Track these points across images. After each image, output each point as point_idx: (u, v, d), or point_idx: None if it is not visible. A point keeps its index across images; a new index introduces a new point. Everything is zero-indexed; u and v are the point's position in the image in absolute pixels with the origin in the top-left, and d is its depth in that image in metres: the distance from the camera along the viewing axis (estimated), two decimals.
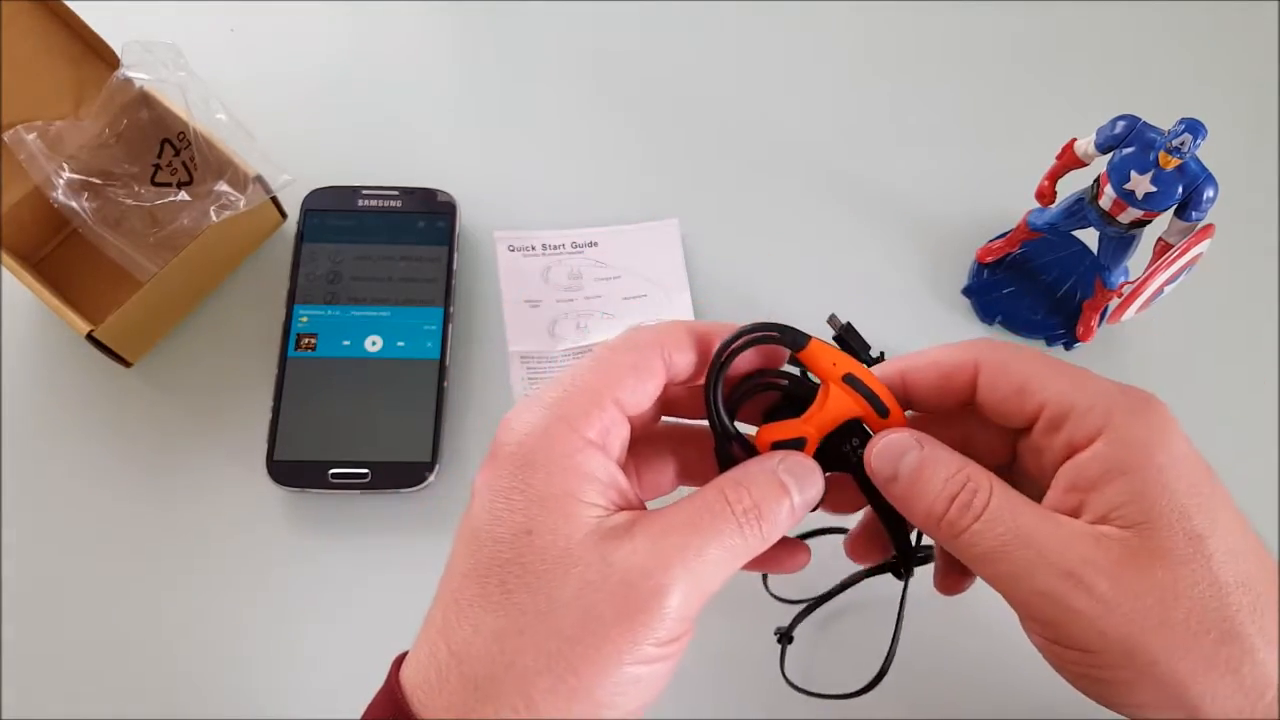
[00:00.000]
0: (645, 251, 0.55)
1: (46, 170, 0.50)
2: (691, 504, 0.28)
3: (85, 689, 0.45)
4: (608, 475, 0.28)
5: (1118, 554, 0.27)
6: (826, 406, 0.30)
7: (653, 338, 0.30)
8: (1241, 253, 0.54)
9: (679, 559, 0.26)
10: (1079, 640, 0.27)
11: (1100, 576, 0.27)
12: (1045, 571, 0.27)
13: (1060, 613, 0.27)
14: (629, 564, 0.26)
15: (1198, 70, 0.61)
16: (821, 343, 0.30)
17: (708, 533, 0.27)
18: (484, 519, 0.28)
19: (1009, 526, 0.28)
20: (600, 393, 0.28)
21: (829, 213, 0.57)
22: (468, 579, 0.27)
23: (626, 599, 0.26)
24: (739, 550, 0.28)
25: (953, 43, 0.62)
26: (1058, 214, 0.49)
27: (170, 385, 0.51)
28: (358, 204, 0.54)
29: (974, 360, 0.30)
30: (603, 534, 0.27)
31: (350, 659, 0.46)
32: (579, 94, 0.60)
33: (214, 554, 0.48)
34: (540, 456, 0.27)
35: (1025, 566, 0.27)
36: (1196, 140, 0.41)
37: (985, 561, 0.28)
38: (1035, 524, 0.28)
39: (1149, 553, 0.27)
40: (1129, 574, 0.27)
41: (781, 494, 0.29)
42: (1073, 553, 0.27)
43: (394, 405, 0.49)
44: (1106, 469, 0.28)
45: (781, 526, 0.29)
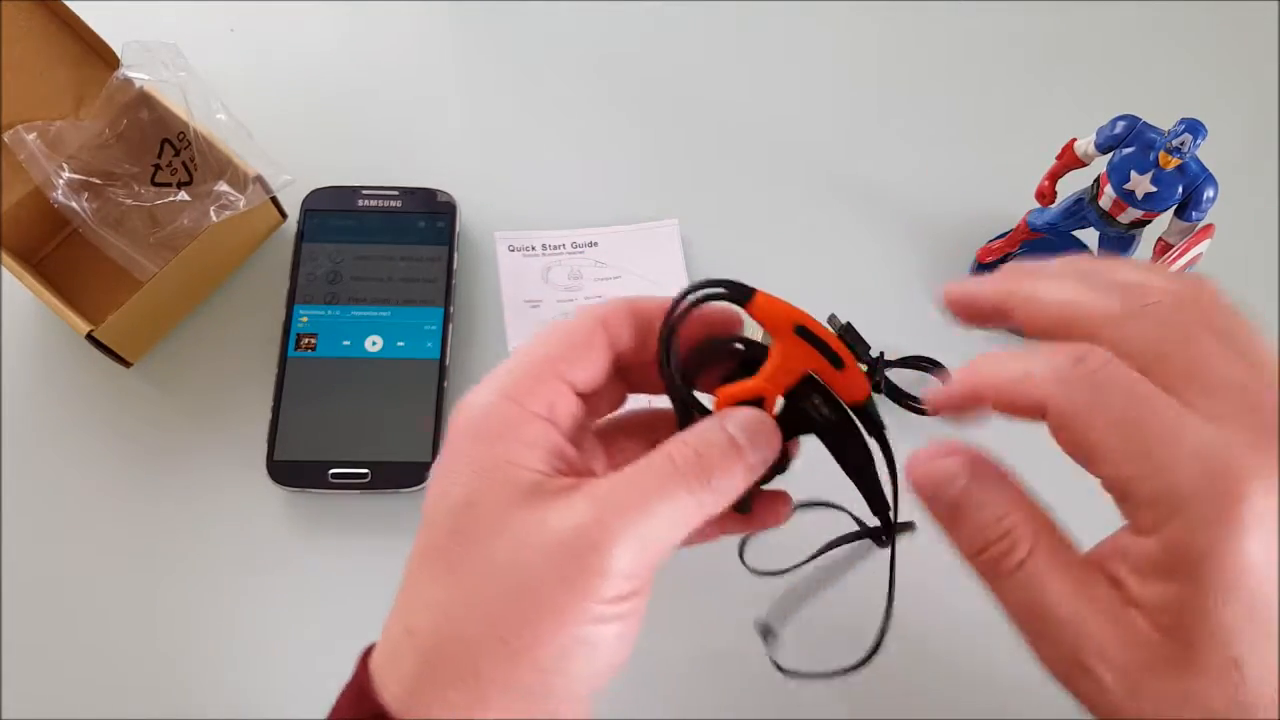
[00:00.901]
0: (645, 251, 0.55)
1: (46, 170, 0.50)
2: (636, 465, 0.27)
3: (85, 688, 0.45)
4: (552, 443, 0.28)
5: (1141, 657, 0.25)
6: (779, 360, 0.30)
7: (592, 311, 0.30)
8: (1241, 253, 0.54)
9: (619, 516, 0.26)
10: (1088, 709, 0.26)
11: (1113, 674, 0.25)
12: (1059, 651, 0.26)
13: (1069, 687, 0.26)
14: (565, 524, 0.26)
15: (1198, 70, 0.61)
16: (768, 295, 0.29)
17: (651, 490, 0.26)
18: (432, 498, 0.28)
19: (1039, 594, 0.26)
20: (542, 366, 0.28)
21: (829, 213, 0.57)
22: (420, 558, 0.28)
23: (564, 559, 0.25)
24: (689, 508, 0.27)
25: (953, 43, 0.62)
26: (1058, 214, 0.49)
27: (170, 385, 0.51)
28: (358, 204, 0.54)
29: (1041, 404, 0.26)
30: (542, 495, 0.26)
31: (350, 659, 0.46)
32: (579, 94, 0.60)
33: (214, 554, 0.48)
34: (483, 429, 0.28)
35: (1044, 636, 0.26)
36: (1196, 140, 0.41)
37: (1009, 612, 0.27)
38: (1061, 600, 0.26)
39: (1175, 663, 0.24)
40: (1147, 679, 0.25)
41: (730, 449, 0.28)
42: (1090, 643, 0.25)
43: (394, 405, 0.49)
44: (1155, 567, 0.25)
45: (734, 483, 0.28)
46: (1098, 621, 0.25)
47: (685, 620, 0.46)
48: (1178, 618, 0.24)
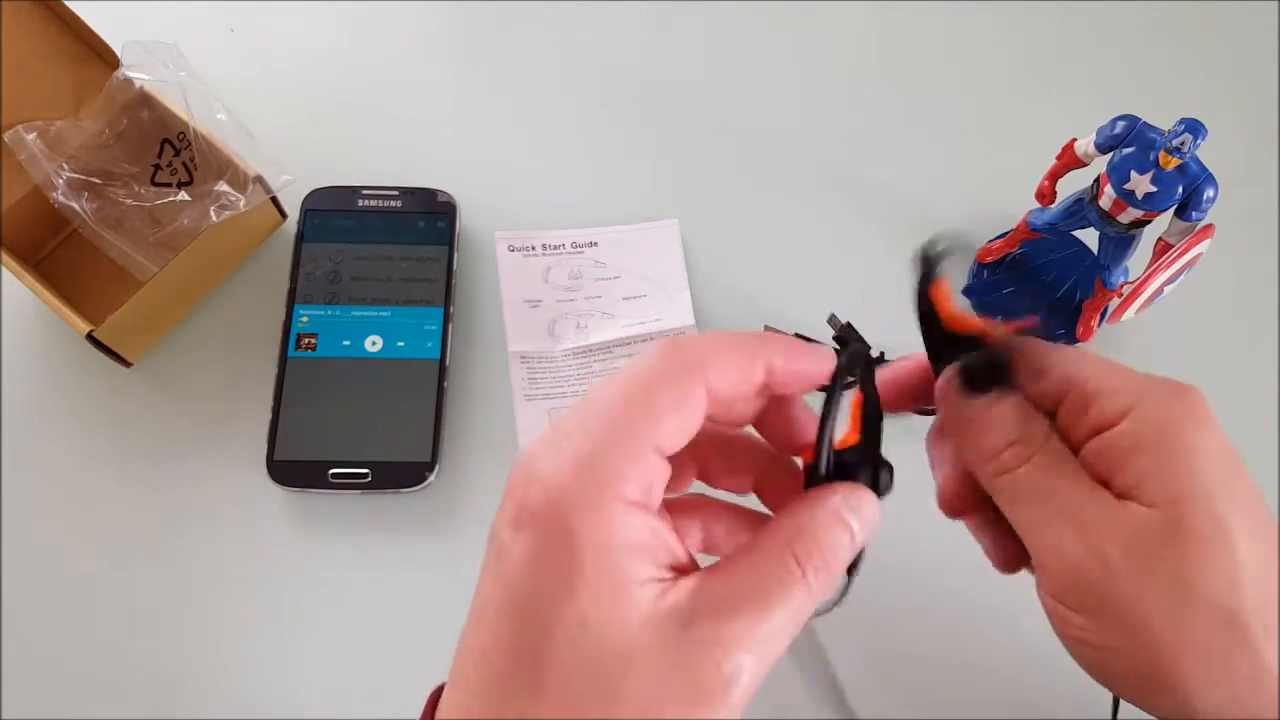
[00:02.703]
0: (645, 251, 0.55)
1: (46, 170, 0.50)
2: (755, 565, 0.25)
3: (85, 688, 0.45)
4: (656, 539, 0.25)
5: (1136, 530, 0.27)
6: None
7: (693, 360, 0.25)
8: (1241, 253, 0.54)
9: (749, 639, 0.24)
10: (1083, 603, 0.28)
11: (1114, 546, 0.27)
12: (1066, 529, 0.28)
13: (1071, 574, 0.28)
14: (693, 656, 0.24)
15: (1198, 70, 0.61)
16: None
17: (775, 604, 0.24)
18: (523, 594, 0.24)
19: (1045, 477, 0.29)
20: (638, 437, 0.24)
21: (829, 213, 0.57)
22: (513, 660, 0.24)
23: (692, 690, 0.24)
24: (804, 611, 0.25)
25: (953, 43, 0.62)
26: (1058, 214, 0.49)
27: (170, 385, 0.51)
28: (358, 204, 0.54)
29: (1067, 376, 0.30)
30: (661, 618, 0.24)
31: (350, 659, 0.46)
32: (579, 94, 0.60)
33: (214, 554, 0.48)
34: (579, 522, 0.24)
35: (1049, 520, 0.28)
36: (1196, 140, 0.41)
37: (1015, 505, 0.29)
38: (1070, 484, 0.28)
39: (1167, 530, 0.27)
40: (1143, 548, 0.27)
41: (846, 536, 0.26)
42: (1097, 518, 0.27)
43: (394, 405, 0.49)
44: (1133, 444, 0.28)
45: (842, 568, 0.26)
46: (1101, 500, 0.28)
47: None
48: (1162, 482, 0.27)
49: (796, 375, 0.27)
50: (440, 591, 0.46)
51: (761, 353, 0.26)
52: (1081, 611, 0.28)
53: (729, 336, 0.27)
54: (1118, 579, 0.27)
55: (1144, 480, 0.28)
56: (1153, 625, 0.27)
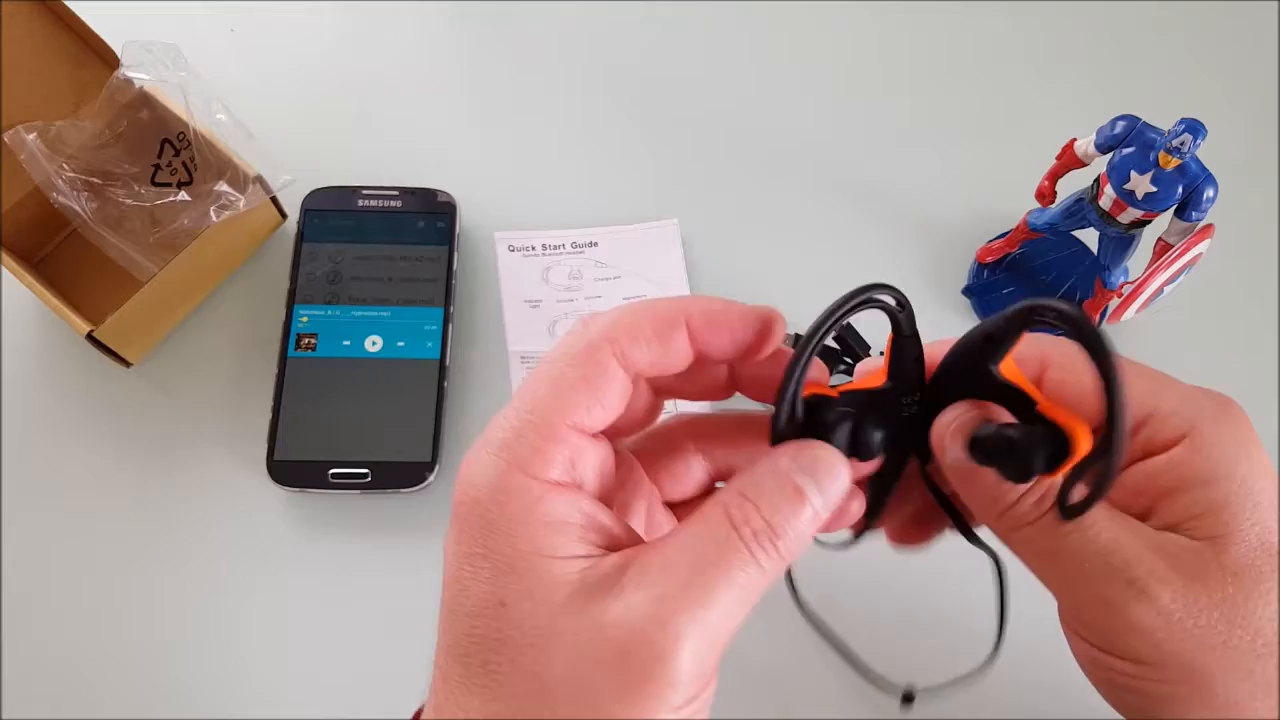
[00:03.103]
0: (645, 251, 0.55)
1: (46, 170, 0.50)
2: (691, 532, 0.24)
3: (85, 689, 0.45)
4: (582, 516, 0.24)
5: (1187, 566, 0.25)
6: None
7: (598, 338, 0.25)
8: (1241, 253, 0.54)
9: (681, 611, 0.22)
10: (1132, 652, 0.26)
11: (1165, 588, 0.25)
12: (1108, 578, 0.26)
13: (1117, 622, 0.26)
14: (622, 627, 0.22)
15: (1198, 70, 0.61)
16: None
17: (713, 572, 0.23)
18: (453, 590, 0.24)
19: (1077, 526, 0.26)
20: (551, 423, 0.24)
21: (829, 213, 0.57)
22: (450, 655, 0.24)
23: (626, 670, 0.22)
24: (755, 581, 0.23)
25: (953, 43, 0.62)
26: (1058, 214, 0.49)
27: (170, 385, 0.51)
28: (358, 204, 0.54)
29: (1041, 357, 0.28)
30: (588, 592, 0.23)
31: (350, 659, 0.46)
32: (580, 94, 0.60)
33: (214, 554, 0.48)
34: (498, 515, 0.24)
35: (1087, 570, 0.26)
36: (1196, 140, 0.41)
37: (1044, 559, 0.27)
38: (1103, 526, 0.26)
39: (1222, 568, 0.25)
40: (1197, 588, 0.25)
41: (798, 501, 0.24)
42: (1139, 561, 0.25)
43: (394, 405, 0.49)
44: (1184, 475, 0.26)
45: (804, 539, 0.24)
46: (1142, 542, 0.26)
47: None
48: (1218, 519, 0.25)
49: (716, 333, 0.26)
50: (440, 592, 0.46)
51: (679, 316, 0.26)
52: (1132, 659, 0.26)
53: (646, 305, 0.26)
54: (1173, 624, 0.25)
55: (1198, 514, 0.26)
56: (1214, 667, 0.25)
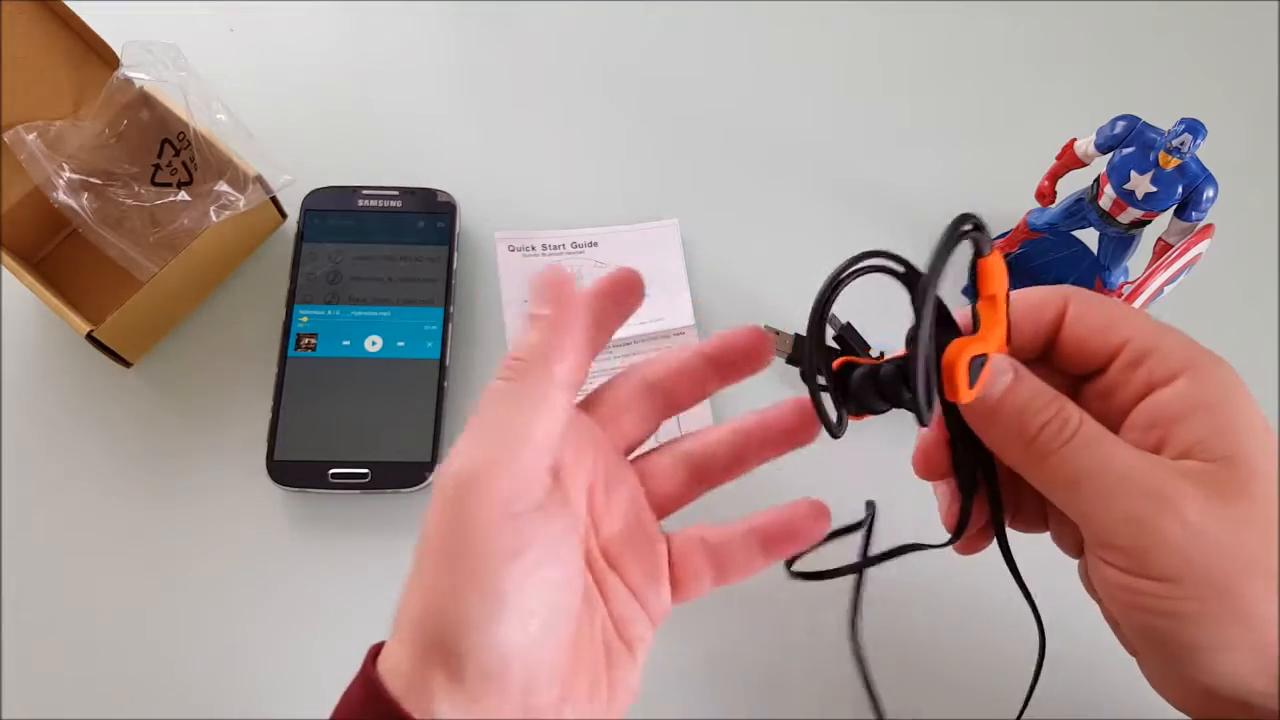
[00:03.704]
0: (645, 252, 0.55)
1: (46, 170, 0.50)
2: None
3: (85, 689, 0.45)
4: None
5: (1205, 484, 0.27)
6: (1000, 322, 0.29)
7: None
8: (1241, 253, 0.54)
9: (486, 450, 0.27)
10: (1163, 569, 0.27)
11: (1189, 502, 0.26)
12: (1134, 495, 0.27)
13: (1146, 538, 0.27)
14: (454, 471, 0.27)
15: (1198, 70, 0.61)
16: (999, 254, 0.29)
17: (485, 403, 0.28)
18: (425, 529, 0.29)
19: (1098, 451, 0.28)
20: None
21: (829, 213, 0.57)
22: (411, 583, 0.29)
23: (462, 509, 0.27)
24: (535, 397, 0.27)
25: (953, 43, 0.62)
26: (1058, 214, 0.49)
27: (170, 385, 0.51)
28: (358, 204, 0.54)
29: (1064, 296, 0.31)
30: None
31: (350, 659, 0.46)
32: (580, 94, 0.60)
33: (214, 554, 0.48)
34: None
35: (1113, 490, 0.27)
36: (1196, 140, 0.41)
37: (1072, 485, 0.28)
38: (1123, 451, 0.28)
39: (1235, 485, 0.27)
40: (1216, 504, 0.27)
41: (531, 327, 0.28)
42: (1162, 479, 0.27)
43: (394, 405, 0.49)
44: (1191, 403, 0.28)
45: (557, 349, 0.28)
46: (1163, 464, 0.27)
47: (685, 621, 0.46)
48: (1225, 440, 0.27)
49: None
50: None
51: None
52: (1163, 579, 0.27)
53: None
54: (1200, 537, 0.26)
55: (1207, 436, 0.27)
56: (1241, 581, 0.26)
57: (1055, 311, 0.31)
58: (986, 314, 0.29)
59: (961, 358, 0.27)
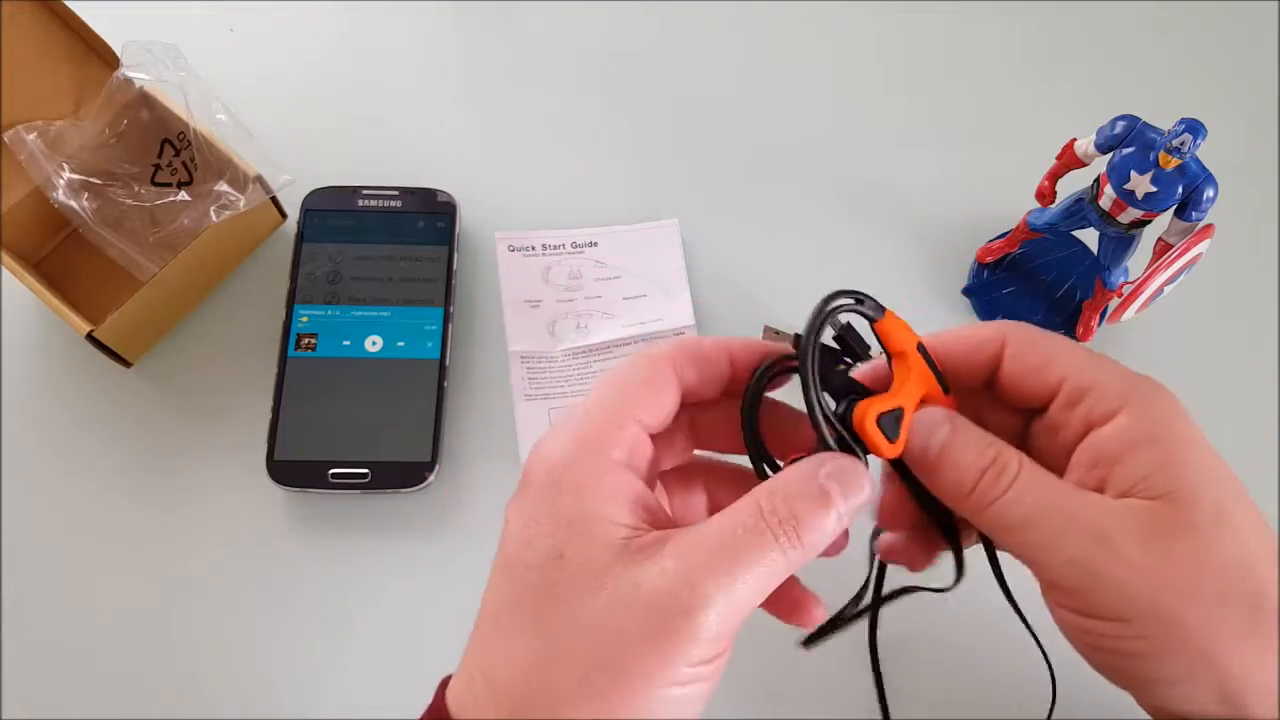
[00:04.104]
0: (645, 251, 0.55)
1: (46, 170, 0.50)
2: (725, 518, 0.27)
3: (85, 689, 0.45)
4: (636, 494, 0.28)
5: (1146, 522, 0.27)
6: (912, 378, 0.29)
7: (661, 352, 0.30)
8: (1241, 253, 0.54)
9: (710, 578, 0.25)
10: (1109, 609, 0.27)
11: (1131, 542, 0.27)
12: (1076, 537, 0.27)
13: (1090, 580, 0.27)
14: (657, 584, 0.25)
15: (1198, 70, 0.61)
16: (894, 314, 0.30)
17: (741, 549, 0.26)
18: (515, 545, 0.28)
19: (1038, 496, 0.28)
20: (620, 412, 0.29)
21: (829, 213, 0.57)
22: (503, 606, 0.27)
23: (655, 622, 0.25)
24: (777, 565, 0.26)
25: (953, 43, 0.62)
26: (1058, 214, 0.49)
27: (170, 385, 0.51)
28: (358, 204, 0.54)
29: (1001, 335, 0.31)
30: (632, 553, 0.26)
31: (350, 659, 0.46)
32: (580, 94, 0.60)
33: (214, 554, 0.48)
34: (567, 481, 0.28)
35: (1055, 534, 0.28)
36: (1196, 140, 0.41)
37: (1015, 531, 0.28)
38: (1064, 494, 0.28)
39: (1177, 521, 0.27)
40: (1158, 541, 0.27)
41: (823, 503, 0.27)
42: (1103, 519, 0.27)
43: (394, 405, 0.49)
44: (1130, 441, 0.28)
45: (826, 537, 0.27)
46: (1103, 504, 0.28)
47: None
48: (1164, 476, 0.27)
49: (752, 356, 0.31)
50: (440, 591, 0.46)
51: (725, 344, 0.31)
52: (1111, 619, 0.27)
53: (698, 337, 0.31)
54: (1142, 576, 0.27)
55: (1148, 474, 0.28)
56: (1187, 616, 0.26)
57: (991, 352, 0.31)
58: (898, 369, 0.30)
59: (867, 418, 0.28)
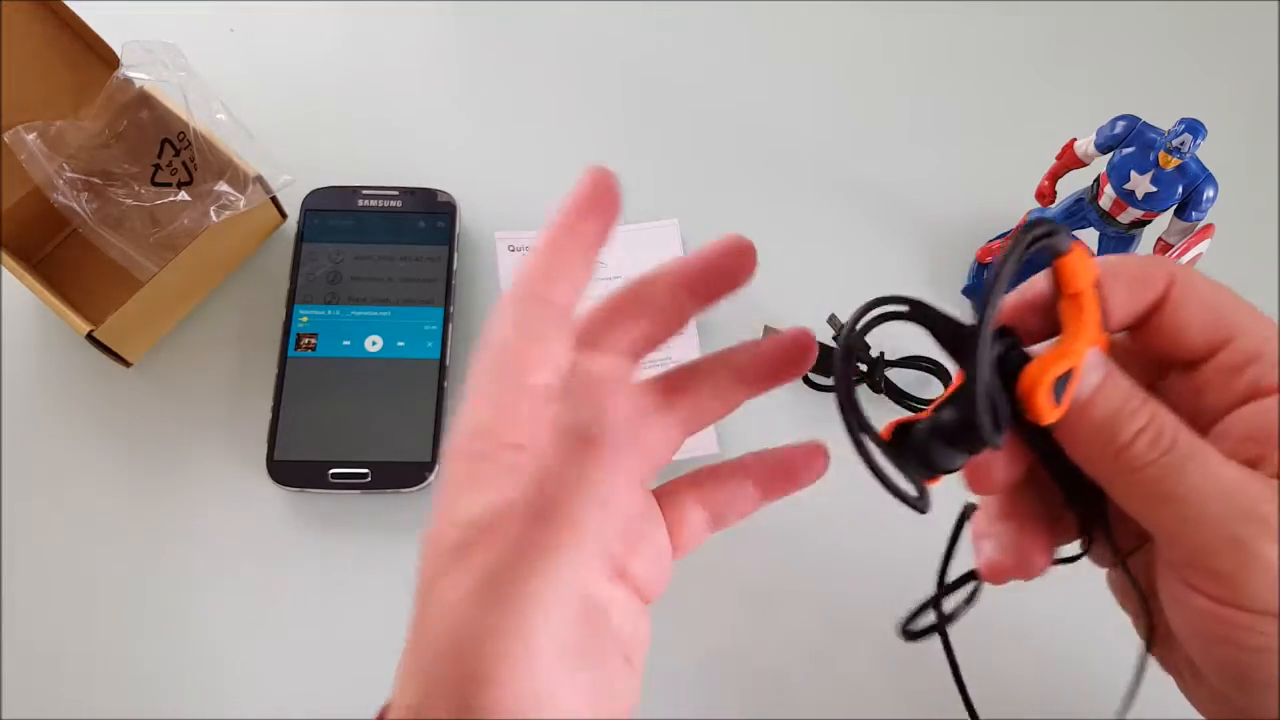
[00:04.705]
0: (645, 251, 0.55)
1: (47, 170, 0.50)
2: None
3: (85, 688, 0.45)
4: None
5: None
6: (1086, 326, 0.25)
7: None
8: (1241, 253, 0.54)
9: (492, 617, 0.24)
10: (1258, 599, 0.24)
11: None
12: (1238, 516, 0.24)
13: (1245, 563, 0.24)
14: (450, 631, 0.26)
15: (1198, 70, 0.61)
16: (1081, 246, 0.26)
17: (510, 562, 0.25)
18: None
19: (1201, 465, 0.25)
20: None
21: (829, 213, 0.57)
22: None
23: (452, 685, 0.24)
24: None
25: (953, 43, 0.62)
26: (1058, 214, 0.49)
27: (170, 385, 0.51)
28: (358, 204, 0.54)
29: (1169, 275, 0.27)
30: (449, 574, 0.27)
31: (350, 659, 0.46)
32: (580, 94, 0.60)
33: (214, 554, 0.48)
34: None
35: (1215, 509, 0.25)
36: (1196, 140, 0.41)
37: (1165, 501, 0.25)
38: (1226, 468, 0.25)
39: None
40: None
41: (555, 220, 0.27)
42: (1267, 499, 0.24)
43: (394, 405, 0.49)
44: None
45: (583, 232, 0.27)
46: (1263, 484, 0.25)
47: (688, 621, 0.46)
48: None
49: None
50: None
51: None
52: (1258, 611, 0.24)
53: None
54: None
55: None
56: None
57: (1157, 292, 0.27)
58: (1070, 316, 0.25)
59: (1043, 382, 0.24)
